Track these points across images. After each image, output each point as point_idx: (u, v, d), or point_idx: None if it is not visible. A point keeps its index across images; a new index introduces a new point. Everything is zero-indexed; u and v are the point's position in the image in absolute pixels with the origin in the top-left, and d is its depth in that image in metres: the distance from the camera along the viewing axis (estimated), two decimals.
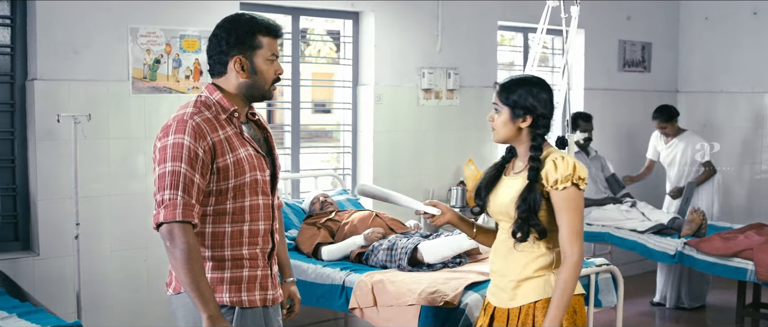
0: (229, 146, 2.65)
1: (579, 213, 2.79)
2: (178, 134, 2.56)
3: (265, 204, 2.77)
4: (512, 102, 2.86)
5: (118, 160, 4.94)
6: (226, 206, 2.67)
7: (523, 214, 2.80)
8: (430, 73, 6.33)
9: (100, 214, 4.89)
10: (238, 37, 2.68)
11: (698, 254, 5.73)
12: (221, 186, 2.64)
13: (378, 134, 6.13)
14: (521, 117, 2.86)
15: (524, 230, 2.82)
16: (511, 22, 7.00)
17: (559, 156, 2.82)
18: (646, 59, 8.19)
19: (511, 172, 2.97)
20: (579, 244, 2.78)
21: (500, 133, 2.91)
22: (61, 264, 4.73)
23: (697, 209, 5.98)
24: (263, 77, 2.73)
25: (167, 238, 2.54)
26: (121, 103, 4.92)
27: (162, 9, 5.06)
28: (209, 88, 2.74)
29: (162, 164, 2.56)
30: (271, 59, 2.73)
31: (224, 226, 2.68)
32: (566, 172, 2.78)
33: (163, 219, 2.52)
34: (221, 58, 2.71)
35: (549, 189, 2.79)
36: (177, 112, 2.68)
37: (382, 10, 6.09)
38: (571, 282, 2.78)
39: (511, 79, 2.92)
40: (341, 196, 5.69)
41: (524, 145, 2.91)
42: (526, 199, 2.80)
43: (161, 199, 2.54)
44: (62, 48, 4.70)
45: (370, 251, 4.61)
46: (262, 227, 2.76)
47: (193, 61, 5.17)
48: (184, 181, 2.53)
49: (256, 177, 2.71)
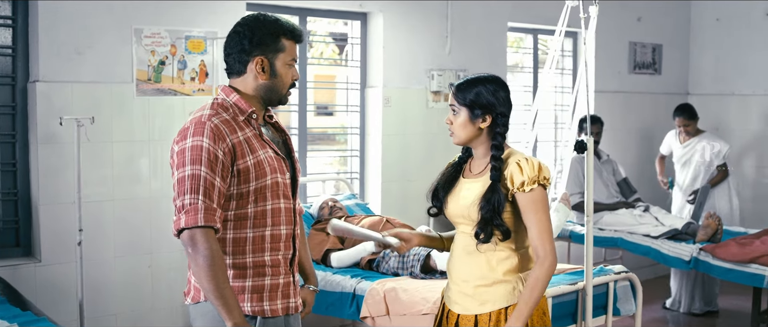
0: (249, 148, 2.57)
1: (547, 212, 2.76)
2: (197, 136, 2.49)
3: (286, 208, 2.69)
4: (470, 102, 2.78)
5: (121, 164, 4.85)
6: (247, 210, 2.59)
7: (487, 215, 2.72)
8: (440, 75, 6.22)
9: (103, 219, 4.80)
10: (262, 37, 2.61)
11: (714, 260, 5.61)
12: (242, 189, 2.56)
13: (387, 137, 6.02)
14: (480, 117, 2.78)
15: (487, 231, 2.74)
16: (522, 23, 6.89)
17: (522, 157, 2.76)
18: (656, 61, 8.08)
19: (470, 173, 2.88)
20: (551, 242, 2.75)
21: (460, 135, 2.83)
22: (63, 271, 4.64)
23: (713, 214, 5.86)
24: (282, 81, 2.67)
25: (189, 245, 2.45)
26: (124, 105, 4.83)
27: (167, 9, 4.96)
28: (225, 90, 2.67)
29: (181, 168, 2.48)
30: (290, 63, 2.67)
31: (245, 232, 2.60)
32: (532, 173, 2.72)
33: (185, 225, 2.44)
34: (242, 57, 2.63)
35: (515, 191, 2.73)
36: (194, 114, 2.61)
37: (391, 10, 5.98)
38: (544, 280, 2.72)
39: (466, 79, 2.84)
40: (350, 200, 5.57)
41: (484, 146, 2.84)
42: (489, 200, 2.72)
43: (181, 204, 2.46)
44: (65, 49, 4.61)
45: (381, 258, 4.49)
46: (284, 232, 2.68)
47: (199, 62, 5.07)
48: (205, 184, 2.46)
49: (277, 179, 2.64)
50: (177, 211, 2.47)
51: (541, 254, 2.72)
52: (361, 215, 5.10)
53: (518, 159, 2.75)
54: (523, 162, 2.74)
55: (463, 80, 2.83)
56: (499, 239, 2.76)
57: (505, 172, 2.75)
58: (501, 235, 2.75)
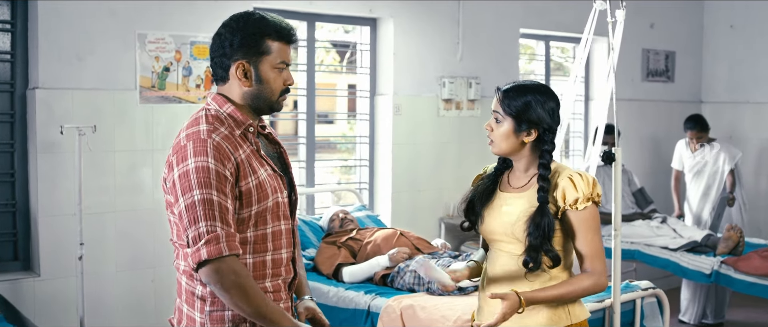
0: (250, 167, 2.33)
1: (599, 231, 2.59)
2: (200, 157, 2.24)
3: (286, 229, 2.46)
4: (517, 112, 2.56)
5: (124, 174, 4.71)
6: (246, 235, 2.35)
7: (536, 241, 2.52)
8: (451, 83, 6.05)
9: (105, 232, 4.65)
10: (244, 39, 2.33)
11: (736, 274, 5.45)
12: (243, 213, 2.33)
13: (397, 146, 5.84)
14: (526, 131, 2.57)
15: (536, 258, 2.54)
16: (534, 29, 6.72)
17: (574, 172, 2.57)
18: (669, 68, 7.91)
19: (510, 187, 2.68)
20: (605, 264, 2.59)
21: (501, 146, 2.62)
22: (63, 285, 4.49)
23: (735, 226, 5.68)
24: (269, 87, 2.39)
25: (214, 278, 2.21)
26: (127, 113, 4.69)
27: (171, 14, 4.82)
28: (217, 100, 2.40)
29: (188, 194, 2.22)
30: (279, 67, 2.39)
31: (245, 258, 2.36)
32: (587, 190, 2.53)
33: (208, 256, 2.19)
34: (223, 62, 2.38)
35: (566, 208, 2.54)
36: (187, 129, 2.33)
37: (401, 16, 5.82)
38: (583, 291, 2.57)
39: (516, 85, 2.61)
40: (360, 212, 5.38)
41: (526, 160, 2.64)
42: (539, 225, 2.52)
43: (196, 233, 2.21)
44: (65, 54, 4.47)
45: (396, 273, 4.31)
46: (285, 256, 2.46)
47: (205, 69, 4.93)
48: (220, 209, 2.22)
49: (277, 200, 2.40)
50: (192, 241, 2.21)
51: (597, 271, 2.56)
52: (373, 228, 4.91)
53: (570, 174, 2.56)
54: (577, 177, 2.54)
55: (512, 85, 2.61)
56: (548, 266, 2.57)
57: (554, 188, 2.56)
58: (550, 261, 2.56)
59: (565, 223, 2.57)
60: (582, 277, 2.57)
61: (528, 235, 2.53)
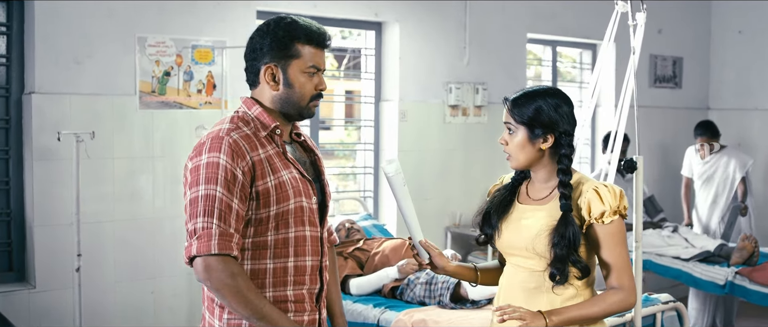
0: (271, 167, 2.28)
1: (626, 245, 2.44)
2: (213, 152, 2.22)
3: (312, 236, 2.38)
4: (529, 119, 2.42)
5: (122, 182, 4.59)
6: (266, 238, 2.29)
7: (562, 252, 2.37)
8: (458, 88, 5.91)
9: (103, 241, 4.53)
10: (273, 42, 2.33)
11: (751, 284, 5.31)
12: (261, 214, 2.27)
13: (403, 153, 5.70)
14: (541, 137, 2.43)
15: (564, 270, 2.39)
16: (541, 34, 6.59)
17: (599, 183, 2.42)
18: (677, 74, 7.78)
19: (529, 199, 2.53)
20: (634, 280, 2.44)
21: (519, 158, 2.47)
22: (59, 297, 4.36)
23: (750, 236, 5.55)
24: (299, 91, 2.35)
25: (203, 275, 2.18)
26: (127, 119, 4.58)
27: (172, 17, 4.70)
28: (247, 103, 2.39)
29: (194, 188, 2.21)
30: (310, 71, 2.35)
31: (265, 263, 2.30)
32: (614, 202, 2.38)
33: (196, 252, 2.17)
34: (253, 66, 2.38)
35: (592, 222, 2.39)
36: (212, 128, 2.34)
37: (407, 20, 5.68)
38: (612, 308, 2.41)
39: (523, 92, 2.48)
40: (366, 221, 5.23)
41: (546, 169, 2.49)
42: (564, 235, 2.37)
43: (193, 228, 2.19)
44: (63, 58, 4.36)
45: (406, 285, 4.16)
46: (310, 264, 2.37)
47: (206, 73, 4.79)
48: (220, 206, 2.18)
49: (302, 204, 2.33)
50: (188, 236, 2.20)
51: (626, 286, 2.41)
52: (380, 238, 4.76)
53: (595, 185, 2.41)
54: (603, 189, 2.39)
55: (520, 93, 2.48)
56: (576, 277, 2.42)
57: (578, 200, 2.41)
58: (579, 272, 2.41)
59: (590, 238, 2.43)
60: (610, 294, 2.42)
61: (553, 247, 2.39)
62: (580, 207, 2.41)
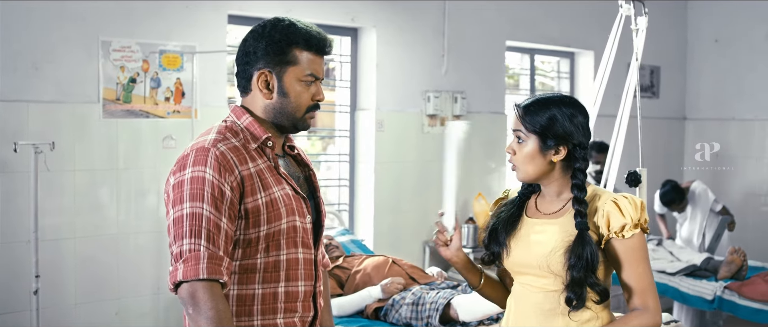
0: (262, 183, 2.07)
1: (649, 262, 2.23)
2: (198, 166, 2.01)
3: (306, 259, 2.17)
4: (541, 129, 2.22)
5: (84, 196, 4.33)
6: (256, 261, 2.08)
7: (579, 274, 2.16)
8: (436, 97, 5.70)
9: (64, 260, 4.26)
10: (268, 46, 2.11)
11: (740, 299, 5.15)
12: (250, 234, 2.06)
13: (380, 165, 5.46)
14: (553, 148, 2.23)
15: (581, 294, 2.18)
16: (520, 41, 6.40)
17: (619, 195, 2.21)
18: (654, 84, 7.65)
19: (539, 213, 2.32)
20: (658, 299, 2.22)
21: (527, 170, 2.26)
22: (15, 321, 4.09)
23: (738, 249, 5.38)
24: (294, 101, 2.14)
25: (189, 303, 1.95)
26: (89, 128, 4.33)
27: (139, 20, 4.45)
28: (236, 111, 2.18)
29: (178, 206, 2.01)
30: (307, 80, 2.14)
31: (253, 288, 2.09)
32: (635, 215, 2.17)
33: (183, 277, 1.95)
34: (245, 71, 2.16)
35: (611, 236, 2.18)
36: (196, 139, 2.12)
37: (384, 26, 5.46)
38: None
39: (536, 99, 2.27)
40: (344, 236, 4.98)
41: (556, 184, 2.28)
42: (581, 256, 2.16)
43: (179, 251, 1.98)
44: (21, 63, 4.12)
45: (390, 306, 3.92)
46: (303, 289, 2.16)
47: (175, 80, 4.56)
48: (208, 226, 1.98)
49: (295, 223, 2.12)
50: (173, 259, 1.99)
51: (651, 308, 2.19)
52: (360, 254, 4.52)
53: (614, 197, 2.20)
54: (623, 201, 2.18)
55: (532, 100, 2.27)
56: (594, 301, 2.21)
57: (595, 216, 2.20)
58: (597, 295, 2.20)
59: (609, 254, 2.22)
60: (634, 317, 2.20)
61: (569, 269, 2.18)
62: (597, 223, 2.20)
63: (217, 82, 4.73)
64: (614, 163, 3.61)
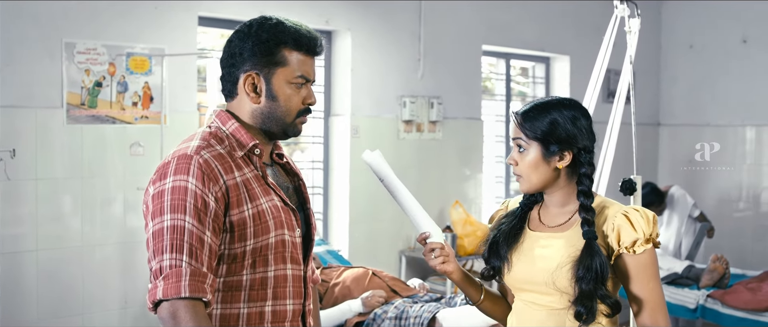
0: (248, 193, 1.93)
1: (659, 279, 2.11)
2: (180, 175, 1.87)
3: (294, 275, 2.03)
4: (542, 134, 2.09)
5: (46, 206, 4.17)
6: (241, 277, 1.95)
7: (588, 287, 2.03)
8: (412, 103, 5.56)
9: (24, 273, 4.09)
10: (255, 47, 1.98)
11: (723, 308, 5.08)
12: (236, 249, 1.92)
13: (355, 173, 5.31)
14: (557, 154, 2.10)
15: (591, 308, 2.05)
16: (496, 46, 6.30)
17: (629, 208, 2.09)
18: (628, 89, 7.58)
19: (542, 225, 2.19)
20: (668, 319, 2.10)
21: (532, 180, 2.13)
22: None
23: (721, 257, 5.32)
24: (284, 105, 2.01)
25: (170, 323, 1.81)
26: (52, 134, 4.19)
27: (105, 21, 4.31)
28: (221, 116, 2.03)
29: (158, 218, 1.87)
30: (297, 82, 2.00)
31: (238, 307, 1.95)
32: (647, 229, 2.05)
33: (163, 295, 1.82)
34: (231, 73, 2.02)
35: (622, 252, 2.06)
36: (178, 146, 1.97)
37: (359, 29, 5.32)
38: None
39: (535, 104, 2.15)
40: (320, 247, 4.81)
41: (561, 194, 2.15)
42: (590, 268, 2.03)
43: (158, 267, 1.84)
44: None
45: (372, 320, 3.77)
46: (291, 308, 2.03)
47: (143, 84, 4.43)
48: (191, 240, 1.84)
49: (284, 237, 1.98)
50: (153, 276, 1.86)
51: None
52: (338, 266, 4.36)
53: (624, 210, 2.07)
54: (634, 214, 2.05)
55: (531, 105, 2.14)
56: (604, 314, 2.07)
57: (604, 226, 2.07)
58: (608, 309, 2.06)
59: (619, 270, 2.09)
60: None
61: (577, 281, 2.04)
62: (606, 234, 2.07)
63: (187, 86, 4.56)
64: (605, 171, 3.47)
